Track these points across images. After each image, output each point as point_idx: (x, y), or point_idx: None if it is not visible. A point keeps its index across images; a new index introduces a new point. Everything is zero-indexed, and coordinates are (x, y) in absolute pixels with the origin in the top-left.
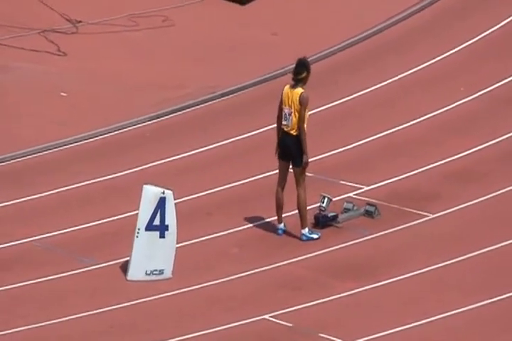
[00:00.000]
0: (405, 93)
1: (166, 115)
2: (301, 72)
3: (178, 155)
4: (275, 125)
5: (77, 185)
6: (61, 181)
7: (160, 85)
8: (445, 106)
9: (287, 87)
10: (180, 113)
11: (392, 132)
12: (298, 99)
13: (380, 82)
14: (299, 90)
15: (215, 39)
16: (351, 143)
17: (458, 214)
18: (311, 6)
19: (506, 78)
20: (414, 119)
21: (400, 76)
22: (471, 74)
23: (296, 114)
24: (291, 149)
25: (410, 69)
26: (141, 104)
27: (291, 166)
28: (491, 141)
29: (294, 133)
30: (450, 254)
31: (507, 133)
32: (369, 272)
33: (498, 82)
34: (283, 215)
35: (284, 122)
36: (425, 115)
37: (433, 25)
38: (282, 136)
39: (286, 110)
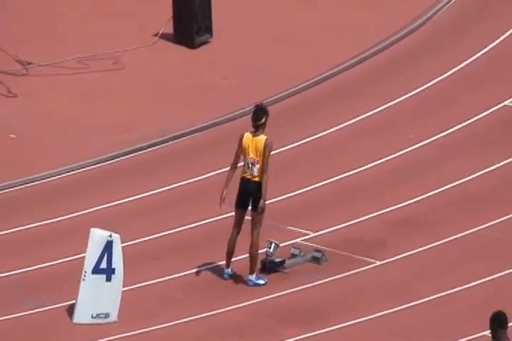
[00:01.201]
0: (356, 139)
1: (116, 158)
2: (260, 117)
3: (126, 198)
4: (224, 169)
5: (26, 227)
6: (10, 223)
7: (110, 128)
8: (394, 153)
9: (247, 134)
10: (129, 156)
11: (341, 178)
12: (263, 146)
13: (332, 127)
14: (263, 137)
15: (165, 82)
16: (299, 189)
17: (404, 262)
18: (263, 49)
19: (455, 126)
20: (363, 166)
21: (351, 121)
22: (421, 121)
23: (261, 160)
24: (253, 196)
25: (362, 115)
26: (90, 146)
27: (250, 212)
28: (438, 188)
29: (258, 180)
30: (396, 301)
31: (454, 181)
32: (315, 318)
33: (447, 130)
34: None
35: (247, 171)
36: (374, 161)
37: (385, 70)
38: (244, 184)
39: (250, 159)
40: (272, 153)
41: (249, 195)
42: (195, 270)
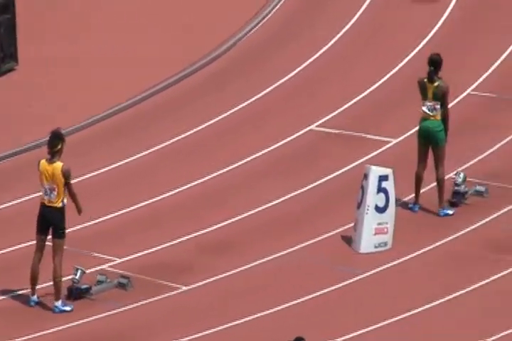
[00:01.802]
0: (164, 163)
1: None
2: (56, 144)
3: None
4: (31, 196)
5: None
6: None
7: None
8: (203, 177)
9: (43, 161)
10: None
11: (146, 204)
12: (61, 173)
13: (139, 152)
14: (59, 165)
15: None
16: (104, 215)
17: (211, 286)
18: (67, 77)
19: (262, 150)
20: (172, 190)
21: (159, 146)
22: (229, 144)
23: (61, 187)
24: (52, 222)
25: (170, 139)
26: None
27: (51, 238)
28: (246, 212)
29: (58, 206)
30: (204, 326)
31: (262, 205)
32: None
33: (254, 154)
34: (37, 287)
35: (45, 197)
36: (183, 186)
37: (194, 94)
38: (43, 210)
39: (47, 186)
40: (79, 179)
41: (48, 221)
42: (1, 297)
